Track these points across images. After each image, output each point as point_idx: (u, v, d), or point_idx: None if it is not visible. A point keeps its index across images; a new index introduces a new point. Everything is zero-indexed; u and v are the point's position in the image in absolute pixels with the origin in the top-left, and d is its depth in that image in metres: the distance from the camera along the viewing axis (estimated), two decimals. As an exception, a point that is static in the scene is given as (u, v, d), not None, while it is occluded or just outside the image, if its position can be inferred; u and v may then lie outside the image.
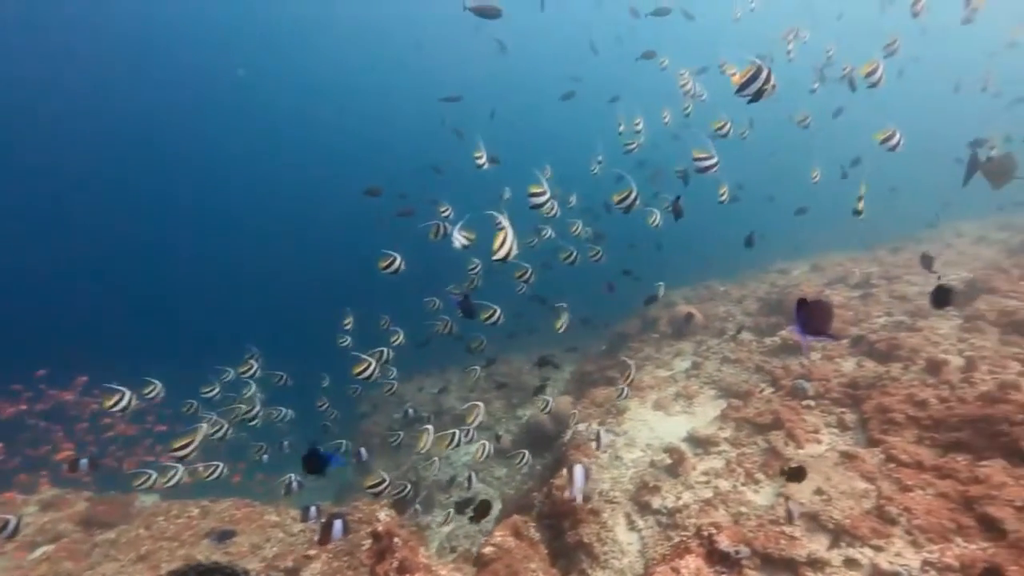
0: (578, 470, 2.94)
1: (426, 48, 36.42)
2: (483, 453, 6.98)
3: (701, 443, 6.50)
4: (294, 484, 7.72)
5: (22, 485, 8.14)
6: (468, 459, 11.96)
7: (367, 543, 5.50)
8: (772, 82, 3.33)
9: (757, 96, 3.35)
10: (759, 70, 3.35)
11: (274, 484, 7.75)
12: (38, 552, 6.56)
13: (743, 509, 5.06)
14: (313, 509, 5.38)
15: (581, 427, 7.86)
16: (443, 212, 6.56)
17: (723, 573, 3.40)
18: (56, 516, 7.27)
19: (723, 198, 5.45)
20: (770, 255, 15.14)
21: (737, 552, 3.48)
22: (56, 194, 35.88)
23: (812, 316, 2.47)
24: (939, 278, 4.20)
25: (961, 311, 8.11)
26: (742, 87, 3.36)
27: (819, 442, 5.93)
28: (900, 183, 17.19)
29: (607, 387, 9.14)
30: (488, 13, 6.83)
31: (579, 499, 2.98)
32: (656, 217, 6.39)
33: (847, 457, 5.40)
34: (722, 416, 6.96)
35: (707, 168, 4.47)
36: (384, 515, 4.70)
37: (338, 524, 4.61)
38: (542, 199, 3.91)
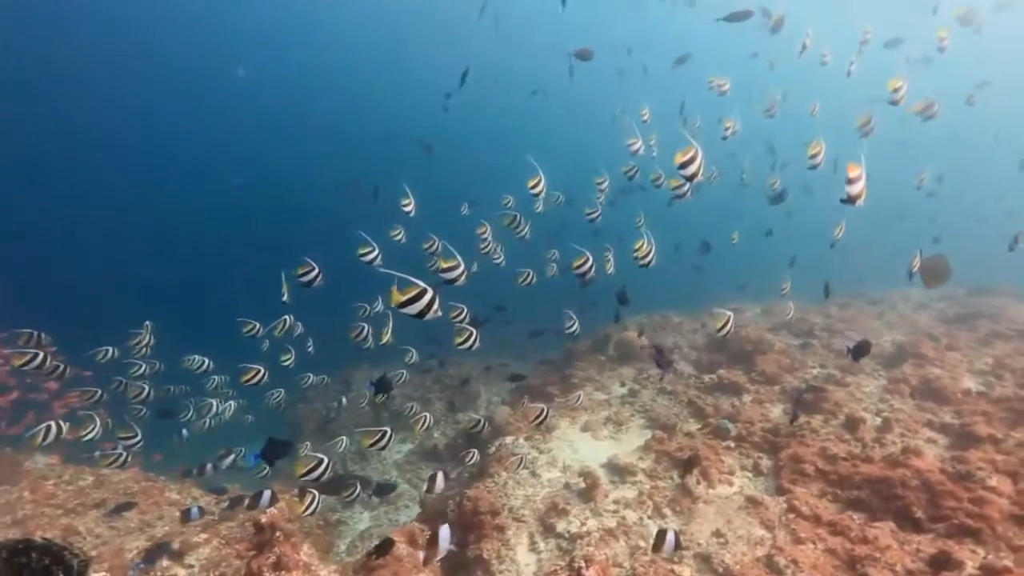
0: (443, 532, 2.83)
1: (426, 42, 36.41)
2: (424, 425, 7.31)
3: (619, 471, 6.49)
4: (208, 467, 7.43)
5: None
6: (399, 457, 11.77)
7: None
8: (701, 171, 3.54)
9: (691, 178, 3.55)
10: (696, 154, 3.50)
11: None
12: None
13: (642, 543, 5.05)
14: (196, 510, 5.17)
15: (508, 440, 7.78)
16: (395, 236, 6.58)
17: (585, 609, 3.35)
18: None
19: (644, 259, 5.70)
20: (736, 294, 15.49)
21: (603, 589, 3.44)
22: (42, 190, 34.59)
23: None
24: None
25: (888, 372, 8.39)
26: (682, 165, 3.52)
27: (731, 484, 5.98)
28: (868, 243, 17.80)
29: (543, 402, 9.11)
30: (583, 56, 8.20)
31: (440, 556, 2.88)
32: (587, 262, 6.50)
33: (752, 502, 5.46)
34: (645, 446, 6.97)
35: (646, 264, 4.88)
36: (274, 507, 4.51)
37: (266, 495, 4.67)
38: (454, 273, 3.82)
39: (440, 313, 3.18)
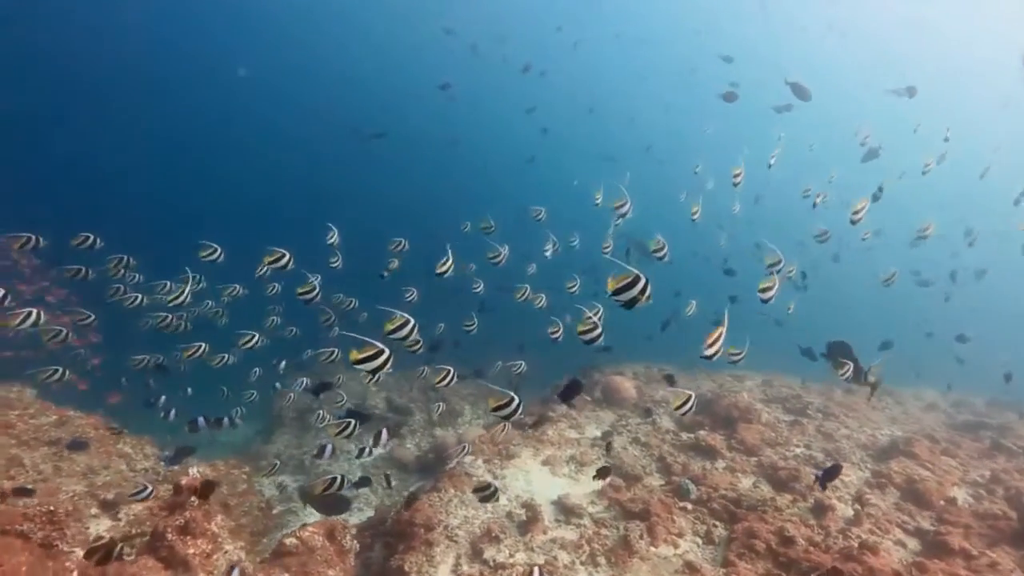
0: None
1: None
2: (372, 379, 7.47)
3: (566, 511, 6.27)
4: (171, 412, 7.47)
5: None
6: (367, 460, 11.65)
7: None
8: (647, 292, 3.10)
9: (630, 304, 3.13)
10: (636, 279, 3.07)
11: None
12: None
13: (564, 586, 4.82)
14: (202, 420, 5.34)
15: (467, 459, 7.63)
16: (331, 238, 6.77)
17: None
18: None
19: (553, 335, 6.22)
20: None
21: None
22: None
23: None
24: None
25: (875, 465, 7.95)
26: (615, 292, 3.09)
27: (676, 546, 5.69)
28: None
29: (516, 429, 8.95)
30: (802, 95, 8.13)
31: None
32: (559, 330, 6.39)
33: (690, 568, 5.18)
34: (600, 492, 6.73)
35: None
36: (198, 470, 4.48)
37: (328, 447, 5.55)
38: (403, 332, 3.74)
39: (391, 370, 3.32)
